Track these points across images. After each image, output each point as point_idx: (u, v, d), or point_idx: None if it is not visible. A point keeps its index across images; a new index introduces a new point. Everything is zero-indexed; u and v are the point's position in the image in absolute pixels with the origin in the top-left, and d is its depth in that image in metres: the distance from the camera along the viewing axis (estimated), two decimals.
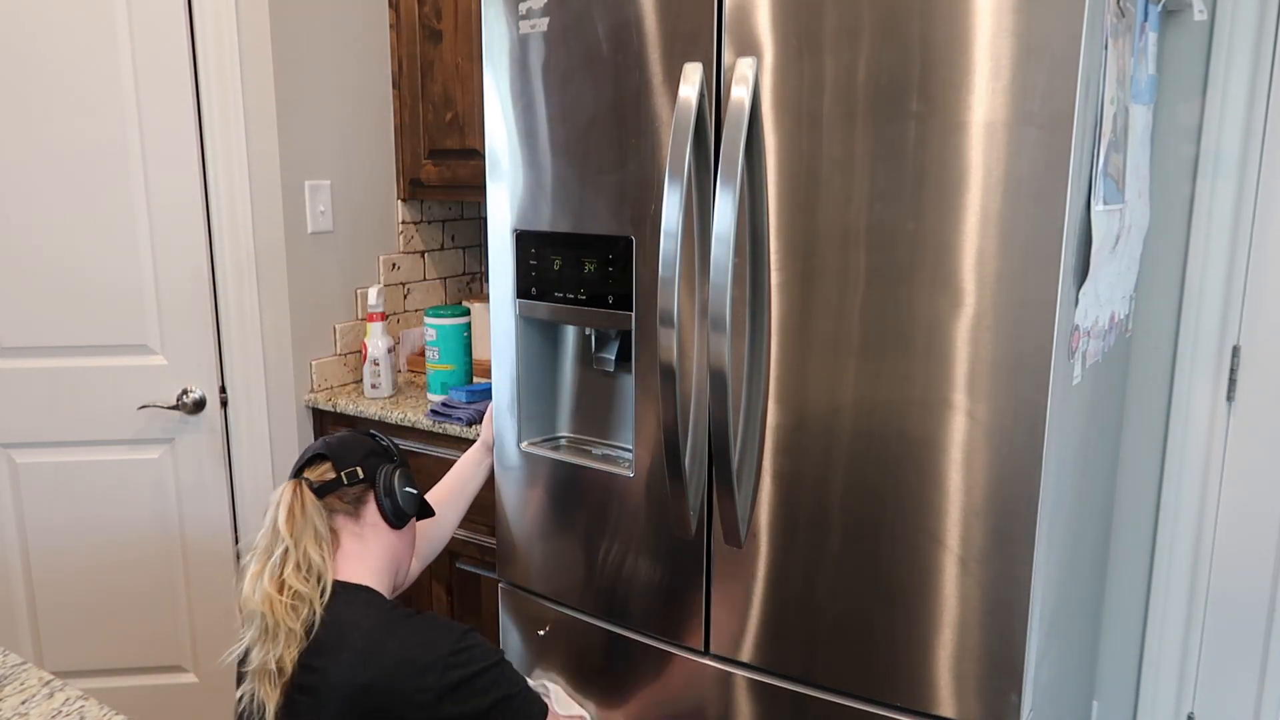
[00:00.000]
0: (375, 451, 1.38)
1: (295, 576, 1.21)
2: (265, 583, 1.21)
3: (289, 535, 1.23)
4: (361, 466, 1.34)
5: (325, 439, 1.39)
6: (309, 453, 1.37)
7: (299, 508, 1.26)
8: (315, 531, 1.25)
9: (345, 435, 1.40)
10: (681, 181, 1.31)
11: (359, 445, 1.37)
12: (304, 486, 1.29)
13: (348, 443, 1.37)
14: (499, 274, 1.61)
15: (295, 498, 1.27)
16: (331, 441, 1.37)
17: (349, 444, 1.37)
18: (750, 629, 1.43)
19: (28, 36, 1.90)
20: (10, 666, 1.10)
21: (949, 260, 1.18)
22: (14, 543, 2.08)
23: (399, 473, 1.37)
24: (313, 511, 1.27)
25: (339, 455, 1.34)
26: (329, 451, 1.35)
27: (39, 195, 1.96)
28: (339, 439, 1.38)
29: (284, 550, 1.23)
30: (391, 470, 1.36)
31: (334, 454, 1.34)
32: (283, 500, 1.28)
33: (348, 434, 1.41)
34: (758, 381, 1.35)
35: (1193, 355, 1.76)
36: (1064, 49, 1.07)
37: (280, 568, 1.22)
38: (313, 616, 1.19)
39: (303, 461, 1.36)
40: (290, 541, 1.23)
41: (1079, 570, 1.53)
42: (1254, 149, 1.66)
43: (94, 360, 2.05)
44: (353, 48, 2.21)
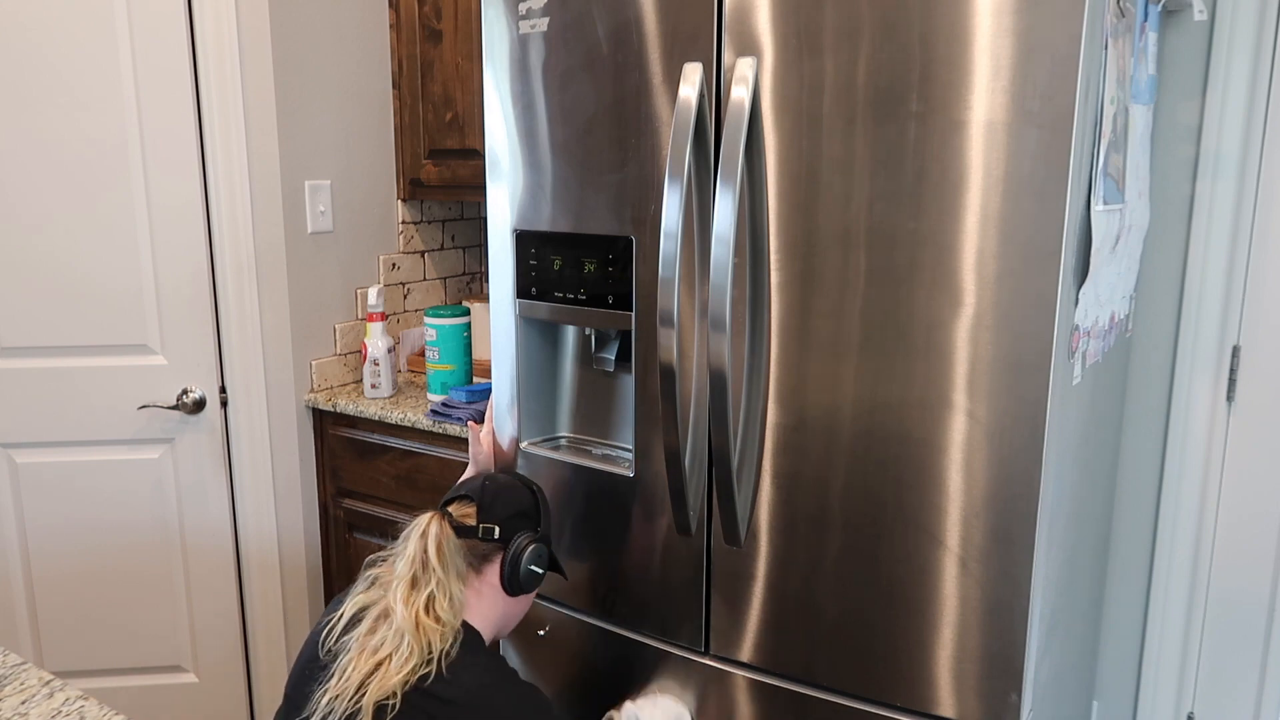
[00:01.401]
0: (524, 513, 1.35)
1: (444, 607, 1.22)
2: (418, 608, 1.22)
3: (440, 569, 1.24)
4: (502, 526, 1.32)
5: (489, 477, 1.37)
6: (464, 487, 1.36)
7: (446, 544, 1.27)
8: (458, 570, 1.27)
9: (507, 481, 1.37)
10: (681, 181, 1.31)
11: (512, 500, 1.35)
12: (447, 524, 1.29)
13: (503, 493, 1.35)
14: (499, 274, 1.61)
15: (442, 533, 1.27)
16: (490, 486, 1.35)
17: (504, 495, 1.35)
18: (750, 629, 1.43)
19: (28, 36, 1.90)
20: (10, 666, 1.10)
21: (949, 260, 1.18)
22: (14, 543, 2.08)
23: (533, 548, 1.34)
24: (455, 551, 1.28)
25: (487, 505, 1.33)
26: (481, 497, 1.34)
27: (39, 195, 1.96)
28: (499, 485, 1.36)
29: (436, 582, 1.24)
30: (527, 542, 1.33)
31: (483, 502, 1.33)
32: (430, 532, 1.27)
33: (511, 480, 1.38)
34: (758, 381, 1.35)
35: (1193, 355, 1.76)
36: (1064, 49, 1.07)
37: (430, 598, 1.23)
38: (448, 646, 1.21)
39: (454, 494, 1.36)
40: (441, 574, 1.24)
41: (1079, 570, 1.53)
42: (1254, 149, 1.66)
43: (94, 360, 2.05)
44: (353, 48, 2.21)
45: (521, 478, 1.43)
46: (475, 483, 1.36)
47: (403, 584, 1.24)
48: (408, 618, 1.20)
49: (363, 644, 1.22)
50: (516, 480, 1.40)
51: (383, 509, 2.16)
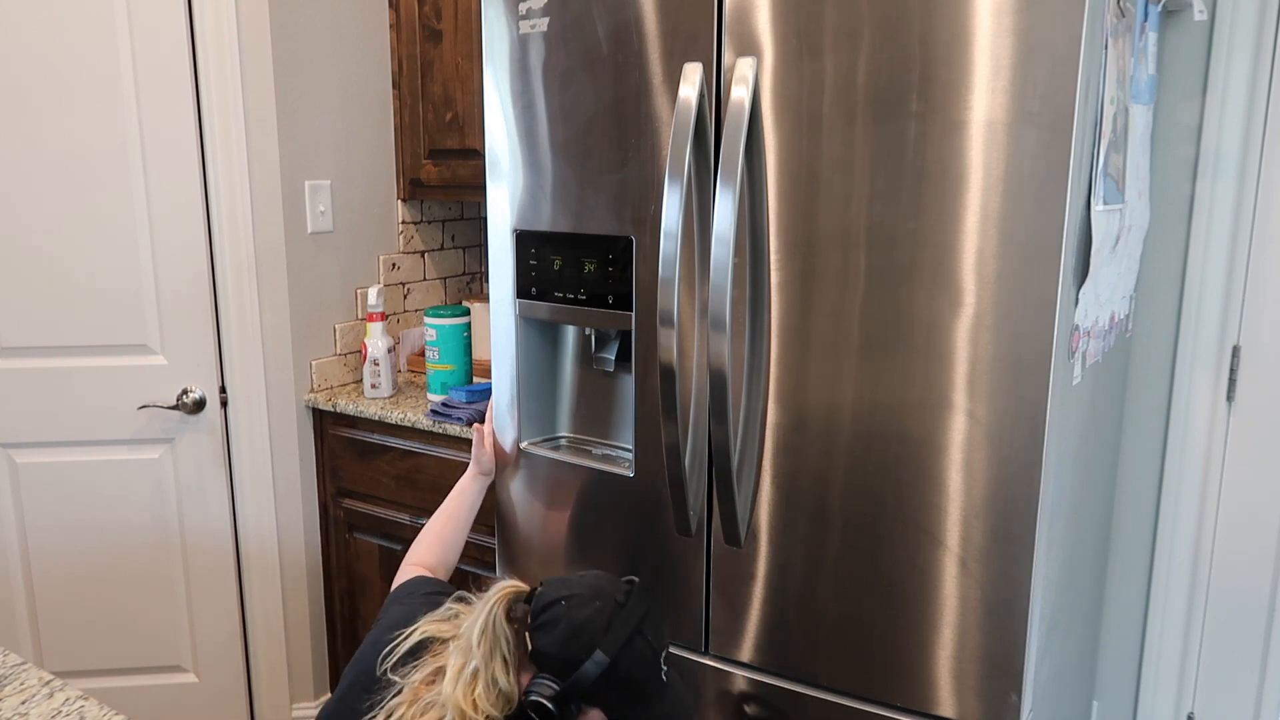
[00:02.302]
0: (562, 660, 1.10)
1: (486, 696, 1.09)
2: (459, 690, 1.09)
3: (479, 652, 1.10)
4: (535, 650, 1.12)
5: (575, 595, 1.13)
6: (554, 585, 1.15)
7: (495, 627, 1.12)
8: (502, 658, 1.11)
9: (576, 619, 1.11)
10: (681, 181, 1.31)
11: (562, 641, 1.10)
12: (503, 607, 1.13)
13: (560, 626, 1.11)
14: (499, 274, 1.61)
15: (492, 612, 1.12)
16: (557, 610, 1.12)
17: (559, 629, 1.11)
18: (750, 629, 1.42)
19: (28, 37, 1.90)
20: (10, 666, 1.10)
21: (949, 260, 1.18)
22: (14, 543, 2.08)
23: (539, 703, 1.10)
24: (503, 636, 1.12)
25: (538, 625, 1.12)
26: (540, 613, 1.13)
27: (39, 196, 1.96)
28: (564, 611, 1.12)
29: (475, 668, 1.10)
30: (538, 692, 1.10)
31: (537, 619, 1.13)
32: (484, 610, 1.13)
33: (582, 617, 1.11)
34: (758, 381, 1.35)
35: (1193, 355, 1.76)
36: (1064, 49, 1.07)
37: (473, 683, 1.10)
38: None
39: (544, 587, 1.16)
40: (480, 658, 1.10)
41: (1079, 570, 1.53)
42: (1254, 149, 1.66)
43: (94, 360, 2.05)
44: (353, 48, 2.21)
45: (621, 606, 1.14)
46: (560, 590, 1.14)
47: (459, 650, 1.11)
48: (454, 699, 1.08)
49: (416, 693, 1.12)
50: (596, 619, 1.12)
51: (383, 509, 2.16)
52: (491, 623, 1.12)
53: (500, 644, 1.12)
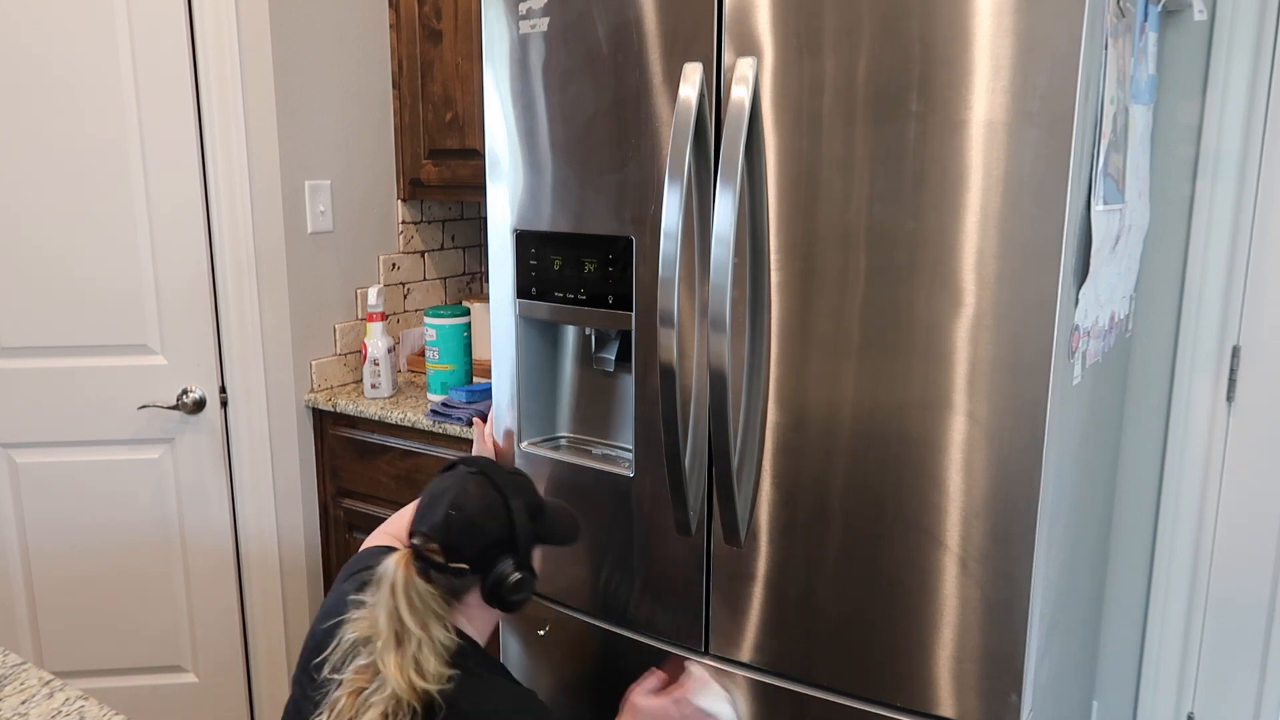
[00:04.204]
0: (497, 543, 1.22)
1: (432, 664, 1.16)
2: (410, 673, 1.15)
3: (417, 628, 1.17)
4: (473, 563, 1.21)
5: (454, 505, 1.21)
6: (427, 519, 1.23)
7: (417, 597, 1.18)
8: (437, 615, 1.19)
9: (475, 509, 1.22)
10: (681, 181, 1.31)
11: (481, 534, 1.21)
12: (413, 571, 1.19)
13: (471, 527, 1.21)
14: (499, 274, 1.61)
15: (410, 584, 1.19)
16: (454, 522, 1.21)
17: (471, 530, 1.21)
18: (750, 629, 1.43)
19: (28, 37, 1.90)
20: (10, 666, 1.10)
21: (949, 260, 1.18)
22: (14, 543, 2.08)
23: (512, 580, 1.22)
24: (429, 598, 1.19)
25: (454, 546, 1.21)
26: (445, 539, 1.21)
27: (39, 196, 1.96)
28: (465, 519, 1.21)
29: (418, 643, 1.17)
30: (505, 576, 1.22)
31: (449, 543, 1.21)
32: (398, 588, 1.18)
33: (481, 504, 1.22)
34: (758, 381, 1.35)
35: (1193, 355, 1.76)
36: (1064, 49, 1.07)
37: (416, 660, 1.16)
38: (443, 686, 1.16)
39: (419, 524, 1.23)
40: (421, 633, 1.17)
41: (1079, 570, 1.53)
42: (1254, 149, 1.66)
43: (94, 360, 2.05)
44: (353, 48, 2.21)
45: (498, 487, 1.26)
46: (439, 515, 1.22)
47: (388, 645, 1.17)
48: (400, 683, 1.14)
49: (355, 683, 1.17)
50: (489, 496, 1.24)
51: (383, 509, 2.16)
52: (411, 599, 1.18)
53: (432, 604, 1.19)
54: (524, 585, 1.24)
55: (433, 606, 1.19)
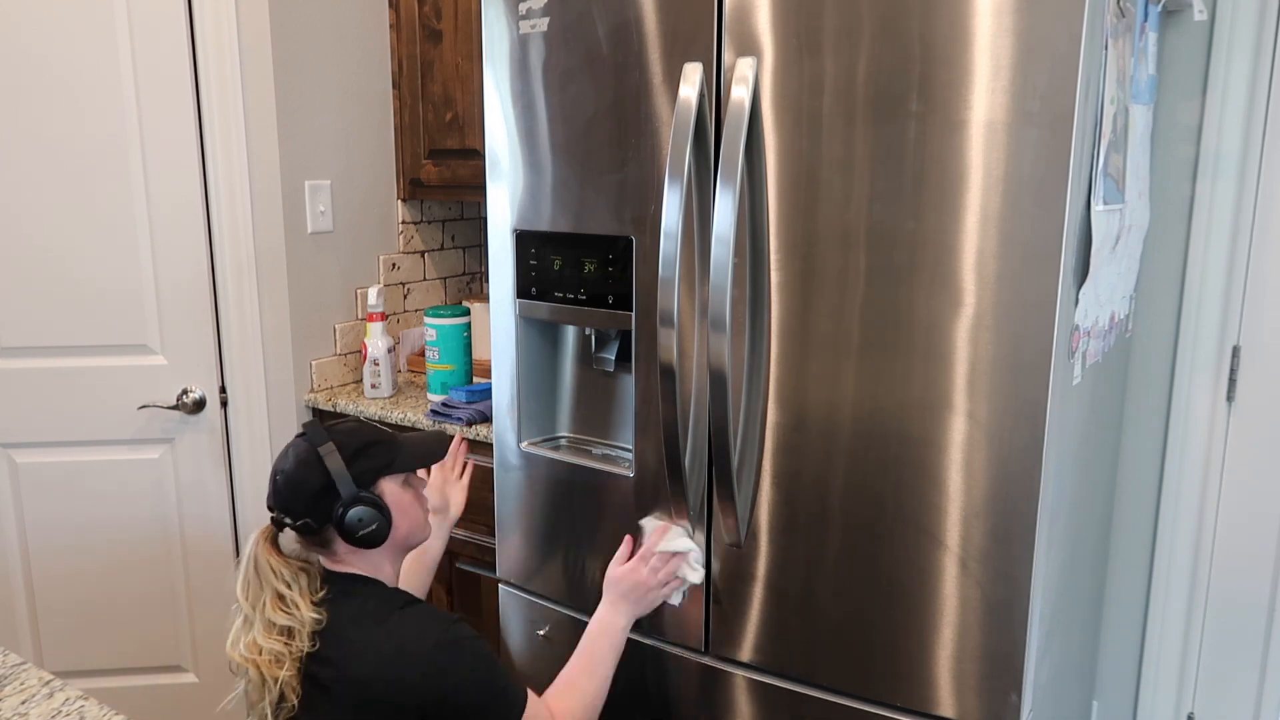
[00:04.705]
0: (321, 490, 1.27)
1: (267, 637, 1.23)
2: (242, 646, 1.24)
3: (246, 604, 1.25)
4: (311, 516, 1.27)
5: (277, 471, 1.30)
6: (268, 492, 1.31)
7: (253, 570, 1.27)
8: (275, 593, 1.25)
9: (294, 466, 1.29)
10: (681, 181, 1.31)
11: (302, 488, 1.28)
12: (264, 543, 1.28)
13: (292, 485, 1.28)
14: (499, 274, 1.61)
15: (251, 556, 1.27)
16: (279, 484, 1.29)
17: (293, 488, 1.28)
18: (750, 629, 1.43)
19: (28, 37, 1.90)
20: (10, 666, 1.10)
21: (949, 260, 1.18)
22: (14, 543, 2.08)
23: (349, 517, 1.27)
24: (268, 572, 1.26)
25: (287, 507, 1.29)
26: (277, 502, 1.29)
27: (39, 195, 1.96)
28: (286, 478, 1.29)
29: (244, 616, 1.25)
30: (340, 518, 1.27)
31: (283, 505, 1.29)
32: (245, 559, 1.28)
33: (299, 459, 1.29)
34: (758, 381, 1.35)
35: (1193, 355, 1.76)
36: (1064, 49, 1.07)
37: (248, 630, 1.24)
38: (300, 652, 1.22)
39: (267, 500, 1.32)
40: (248, 609, 1.25)
41: (1079, 570, 1.53)
42: (1254, 149, 1.66)
43: (94, 360, 2.05)
44: (353, 48, 2.21)
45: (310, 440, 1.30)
46: (273, 482, 1.30)
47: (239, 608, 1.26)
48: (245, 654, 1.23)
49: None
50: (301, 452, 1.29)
51: None
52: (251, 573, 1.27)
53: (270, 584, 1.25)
54: (364, 520, 1.28)
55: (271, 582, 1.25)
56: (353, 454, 1.30)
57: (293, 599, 1.24)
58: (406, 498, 1.35)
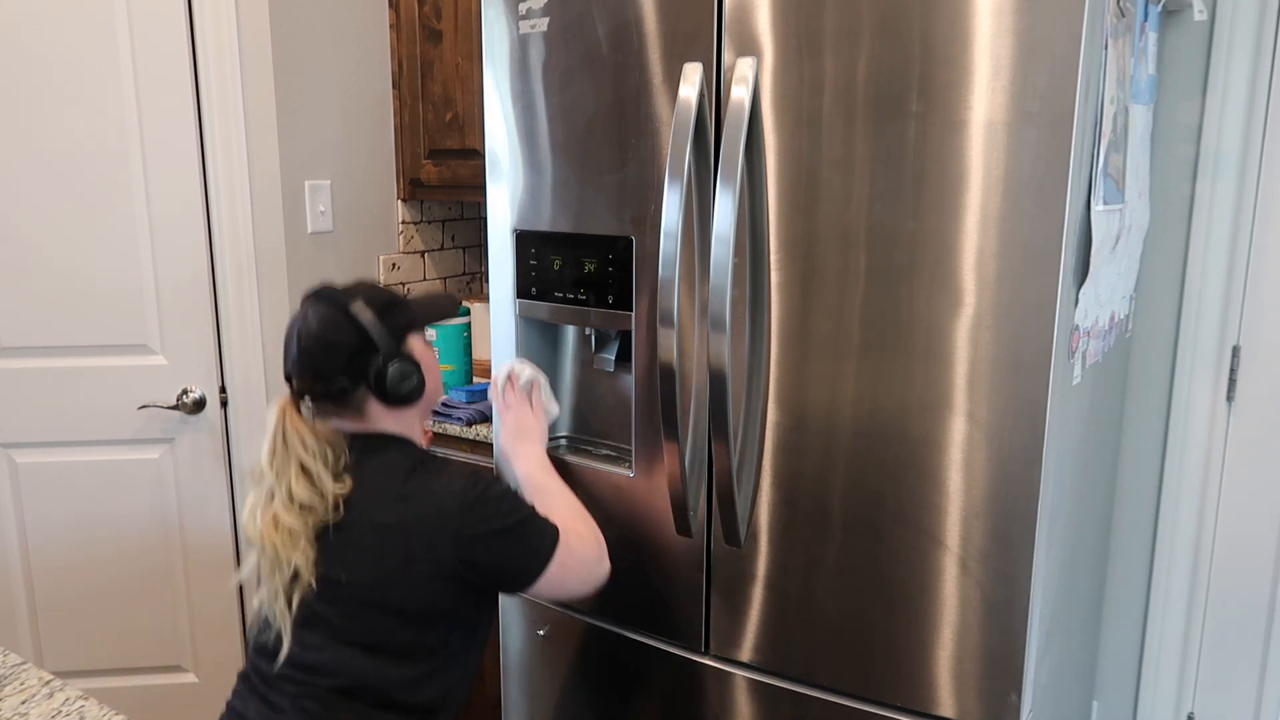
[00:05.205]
0: (358, 350, 1.24)
1: (287, 512, 1.20)
2: (259, 518, 1.21)
3: (271, 472, 1.22)
4: (348, 376, 1.24)
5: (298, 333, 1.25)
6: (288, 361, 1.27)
7: (281, 441, 1.23)
8: (300, 465, 1.22)
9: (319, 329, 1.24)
10: (681, 181, 1.31)
11: (337, 350, 1.23)
12: (291, 412, 1.24)
13: (325, 349, 1.24)
14: (499, 274, 1.61)
15: (279, 427, 1.23)
16: (306, 350, 1.24)
17: (328, 351, 1.24)
18: (750, 629, 1.43)
19: (28, 37, 1.90)
20: (10, 666, 1.10)
21: (949, 260, 1.18)
22: (14, 543, 2.08)
23: (392, 371, 1.24)
24: (296, 443, 1.22)
25: (317, 371, 1.24)
26: (304, 366, 1.25)
27: (39, 196, 1.96)
28: (313, 341, 1.24)
29: (268, 488, 1.22)
30: (381, 373, 1.24)
31: (313, 367, 1.24)
32: (272, 427, 1.24)
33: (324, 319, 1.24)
34: (758, 381, 1.35)
35: (1193, 355, 1.76)
36: (1064, 49, 1.07)
37: (269, 502, 1.21)
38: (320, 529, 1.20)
39: (287, 369, 1.27)
40: (273, 479, 1.22)
41: (1079, 570, 1.53)
42: (1254, 149, 1.66)
43: (94, 360, 2.04)
44: (353, 48, 2.21)
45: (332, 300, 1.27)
46: (293, 351, 1.25)
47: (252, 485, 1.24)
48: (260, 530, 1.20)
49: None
50: (328, 314, 1.25)
51: None
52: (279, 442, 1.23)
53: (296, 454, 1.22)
54: (405, 375, 1.26)
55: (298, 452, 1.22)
56: (380, 310, 1.27)
57: (318, 472, 1.22)
58: (431, 355, 1.34)
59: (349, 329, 1.24)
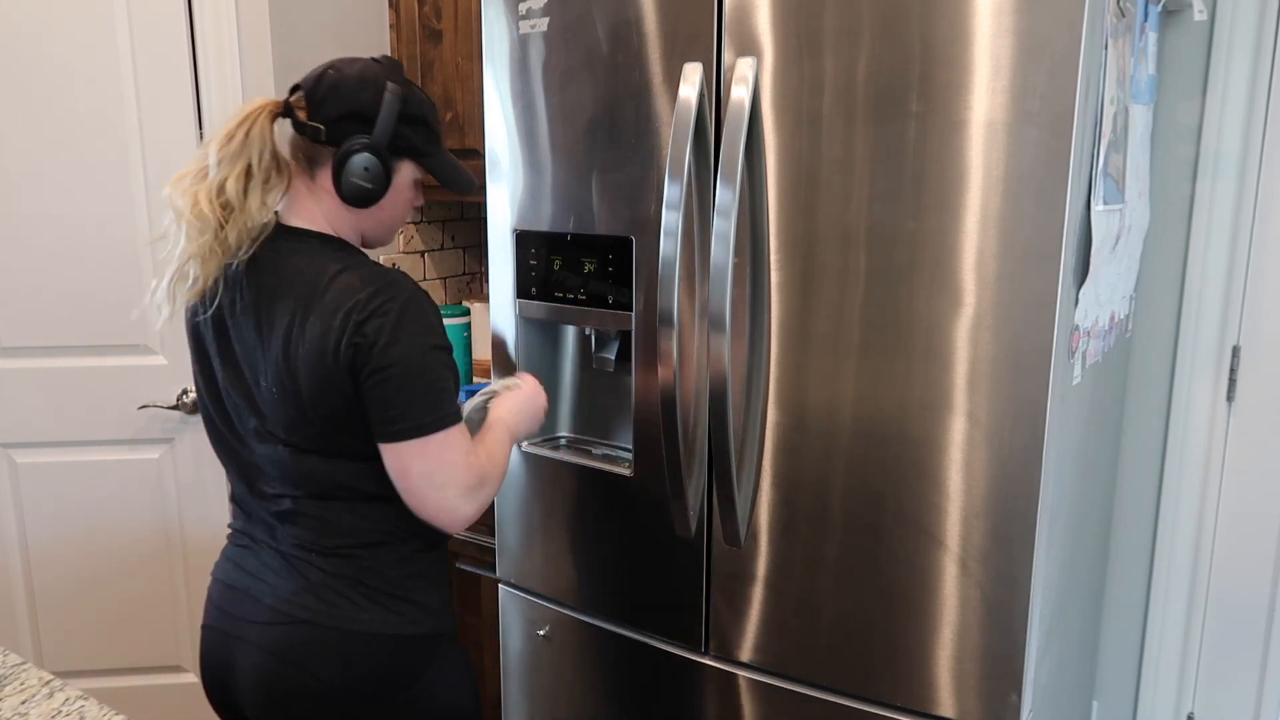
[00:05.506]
0: (357, 114, 1.16)
1: (206, 198, 1.13)
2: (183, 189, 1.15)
3: (215, 154, 1.14)
4: (329, 128, 1.16)
5: (334, 65, 1.18)
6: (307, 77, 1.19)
7: (243, 134, 1.15)
8: (246, 166, 1.15)
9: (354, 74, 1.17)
10: (681, 181, 1.31)
11: (346, 98, 1.16)
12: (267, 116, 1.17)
13: (341, 88, 1.17)
14: (499, 274, 1.61)
15: (249, 119, 1.15)
16: (328, 78, 1.17)
17: (340, 91, 1.17)
18: (750, 629, 1.43)
19: (28, 37, 1.90)
20: (10, 666, 1.10)
21: (949, 260, 1.18)
22: (14, 543, 2.08)
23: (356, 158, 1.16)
24: (255, 145, 1.15)
25: (318, 101, 1.17)
26: (313, 90, 1.17)
27: (39, 195, 1.96)
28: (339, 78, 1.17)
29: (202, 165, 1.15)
30: (351, 150, 1.16)
31: (315, 96, 1.17)
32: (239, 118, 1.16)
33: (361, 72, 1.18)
34: (758, 381, 1.35)
35: (1193, 355, 1.76)
36: (1064, 49, 1.07)
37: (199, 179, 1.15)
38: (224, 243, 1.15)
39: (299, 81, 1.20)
40: (215, 161, 1.14)
41: (1079, 570, 1.53)
42: (1254, 149, 1.66)
43: (94, 360, 2.04)
44: (353, 48, 2.20)
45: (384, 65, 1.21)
46: (318, 71, 1.19)
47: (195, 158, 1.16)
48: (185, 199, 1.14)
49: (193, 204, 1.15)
50: (370, 71, 1.19)
51: None
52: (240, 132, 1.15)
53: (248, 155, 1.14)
54: (368, 170, 1.17)
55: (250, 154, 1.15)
56: (407, 115, 1.20)
57: (255, 185, 1.15)
58: (407, 194, 1.26)
59: (369, 95, 1.17)
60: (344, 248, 1.21)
